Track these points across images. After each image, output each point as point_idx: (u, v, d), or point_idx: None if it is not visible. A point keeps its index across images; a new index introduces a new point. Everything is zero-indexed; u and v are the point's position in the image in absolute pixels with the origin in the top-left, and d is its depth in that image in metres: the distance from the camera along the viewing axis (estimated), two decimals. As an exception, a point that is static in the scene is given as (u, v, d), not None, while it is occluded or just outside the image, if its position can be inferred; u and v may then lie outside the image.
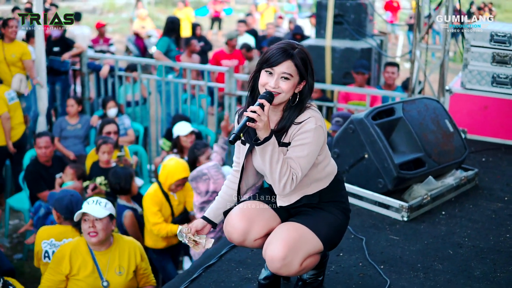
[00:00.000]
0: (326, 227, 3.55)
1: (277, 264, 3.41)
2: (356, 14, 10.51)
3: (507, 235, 4.93)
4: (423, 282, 4.20)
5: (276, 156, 3.30)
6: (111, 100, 9.64)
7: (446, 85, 7.65)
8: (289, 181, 3.33)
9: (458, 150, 5.77)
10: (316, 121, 3.39)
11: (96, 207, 5.21)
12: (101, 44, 13.45)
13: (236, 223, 3.55)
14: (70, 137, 9.42)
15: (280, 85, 3.32)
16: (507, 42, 6.83)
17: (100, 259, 5.23)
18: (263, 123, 3.23)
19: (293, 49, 3.34)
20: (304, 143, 3.36)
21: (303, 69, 3.35)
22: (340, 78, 10.26)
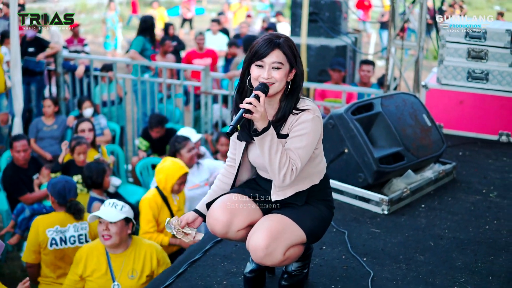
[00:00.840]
0: (309, 219, 3.59)
1: (260, 253, 3.44)
2: (331, 12, 10.58)
3: (486, 227, 5.01)
4: (406, 273, 4.26)
5: (275, 147, 3.33)
6: (86, 100, 9.60)
7: (422, 81, 7.73)
8: (288, 171, 3.37)
9: (436, 144, 5.84)
10: (313, 112, 3.44)
11: (111, 210, 5.16)
12: (75, 45, 13.38)
13: (218, 215, 3.58)
14: (46, 138, 9.37)
15: (273, 75, 3.36)
16: (482, 37, 6.93)
17: (115, 261, 5.16)
18: (259, 114, 3.26)
19: (278, 38, 3.39)
20: (302, 134, 3.40)
21: (291, 57, 3.39)
22: (316, 75, 10.33)
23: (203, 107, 9.68)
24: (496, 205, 5.45)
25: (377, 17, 23.18)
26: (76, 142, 7.55)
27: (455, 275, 4.25)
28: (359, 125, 5.39)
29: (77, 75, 10.45)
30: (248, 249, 3.53)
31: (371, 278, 4.16)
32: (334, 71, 9.54)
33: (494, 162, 6.49)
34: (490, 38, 6.90)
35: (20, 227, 7.30)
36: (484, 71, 6.99)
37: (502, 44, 6.88)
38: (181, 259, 4.46)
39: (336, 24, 10.60)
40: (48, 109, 9.36)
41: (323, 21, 10.55)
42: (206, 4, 33.05)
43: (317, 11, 10.52)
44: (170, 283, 4.06)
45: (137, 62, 10.26)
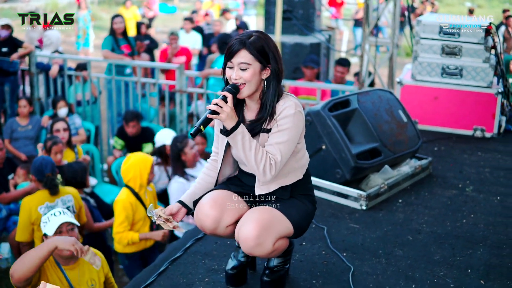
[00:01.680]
0: (296, 212, 3.63)
1: (251, 243, 3.46)
2: (304, 10, 10.64)
3: (463, 221, 5.06)
4: (386, 268, 4.29)
5: (247, 144, 3.37)
6: (61, 100, 9.55)
7: (396, 78, 7.78)
8: (267, 166, 3.40)
9: (412, 140, 5.89)
10: (295, 107, 3.46)
11: (63, 216, 5.01)
12: (47, 45, 13.28)
13: (208, 211, 3.59)
14: (21, 138, 9.32)
15: (241, 75, 3.39)
16: (455, 33, 6.99)
17: (70, 274, 4.88)
18: (225, 114, 3.30)
19: (248, 38, 3.40)
20: (284, 129, 3.43)
21: (260, 56, 3.39)
22: (290, 73, 10.36)
23: (178, 106, 9.67)
24: (472, 199, 5.51)
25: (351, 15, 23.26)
26: (52, 142, 7.51)
27: (434, 269, 4.29)
28: (336, 122, 5.41)
29: (51, 74, 10.39)
30: (238, 240, 3.56)
31: (352, 273, 4.19)
32: (307, 68, 9.57)
33: (469, 156, 6.56)
34: (464, 34, 6.96)
35: (-6, 228, 7.26)
36: (458, 67, 7.05)
37: (476, 40, 6.95)
38: (162, 257, 4.46)
39: (309, 21, 10.66)
40: (24, 109, 9.30)
41: (296, 19, 10.60)
42: (178, 2, 32.95)
43: (290, 8, 10.58)
44: (152, 281, 4.05)
45: (112, 60, 10.23)
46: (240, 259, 3.95)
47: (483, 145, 6.91)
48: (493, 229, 4.93)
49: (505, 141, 7.10)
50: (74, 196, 6.33)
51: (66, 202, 6.17)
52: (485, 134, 7.14)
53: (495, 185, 5.84)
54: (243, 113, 3.60)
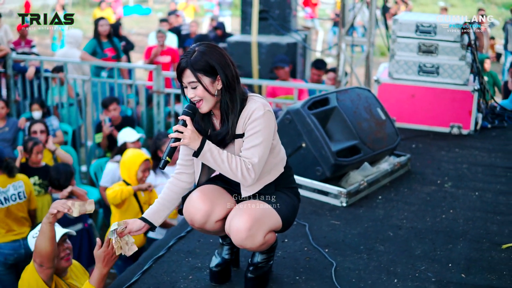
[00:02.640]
0: (283, 205, 3.68)
1: (243, 234, 3.50)
2: (281, 10, 10.67)
3: (443, 216, 5.12)
4: (367, 263, 4.33)
5: (218, 158, 3.43)
6: (35, 103, 9.51)
7: (373, 76, 7.84)
8: (244, 171, 3.45)
9: (390, 137, 5.94)
10: (263, 107, 3.50)
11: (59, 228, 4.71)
12: (23, 46, 13.22)
13: (198, 205, 3.63)
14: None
15: (196, 93, 3.43)
16: (432, 32, 7.06)
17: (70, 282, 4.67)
18: (188, 138, 3.38)
19: (190, 56, 3.42)
20: (256, 131, 3.47)
21: (206, 69, 3.41)
22: (267, 73, 10.38)
23: (156, 107, 9.66)
24: (451, 195, 5.57)
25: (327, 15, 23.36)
26: (33, 142, 7.52)
27: (415, 263, 4.34)
28: (315, 120, 5.45)
29: (27, 76, 10.33)
30: (229, 232, 3.59)
31: (334, 268, 4.22)
32: (278, 68, 9.61)
33: (447, 153, 6.63)
34: (440, 33, 7.03)
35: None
36: (434, 65, 7.13)
37: (452, 38, 7.03)
38: (145, 255, 4.47)
39: (286, 21, 10.69)
40: (1, 110, 9.24)
41: (273, 19, 10.63)
42: (153, 4, 32.87)
43: (267, 9, 10.60)
44: (136, 279, 4.06)
45: (88, 62, 10.21)
46: (224, 257, 3.98)
47: (460, 142, 6.98)
48: (473, 224, 5.00)
49: (482, 137, 7.18)
50: (25, 182, 6.80)
51: (18, 187, 6.67)
52: (462, 131, 7.21)
53: (473, 181, 5.91)
54: (212, 123, 3.63)
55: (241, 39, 10.71)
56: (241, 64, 10.21)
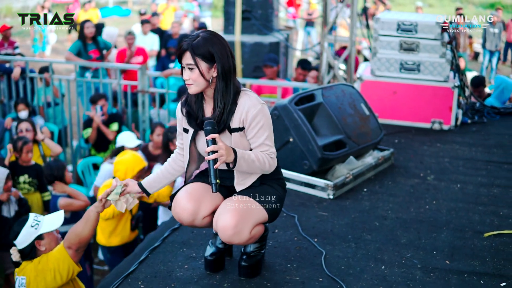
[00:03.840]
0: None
1: (230, 231, 3.64)
2: (263, 10, 10.85)
3: (426, 207, 5.29)
4: (356, 251, 4.49)
5: (250, 160, 3.61)
6: (21, 103, 9.60)
7: (355, 74, 8.01)
8: (270, 161, 3.70)
9: (374, 132, 6.12)
10: (258, 101, 3.68)
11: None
12: (6, 48, 13.28)
13: (185, 204, 3.78)
14: (-16, 140, 9.36)
15: (190, 76, 3.57)
16: (413, 30, 7.25)
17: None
18: (225, 156, 3.49)
19: (194, 40, 3.56)
20: (260, 127, 3.66)
21: (205, 55, 3.55)
22: (250, 72, 10.55)
23: (140, 106, 9.78)
24: (434, 187, 5.75)
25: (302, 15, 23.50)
26: (23, 142, 7.62)
27: (401, 251, 4.50)
28: (302, 115, 5.61)
29: (13, 77, 10.41)
30: (216, 230, 3.73)
31: (324, 256, 4.37)
32: (266, 67, 9.76)
33: (429, 148, 6.81)
34: (421, 31, 7.23)
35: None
36: (416, 62, 7.32)
37: (433, 36, 7.22)
38: (141, 246, 4.62)
39: (268, 21, 10.86)
40: (-14, 111, 9.35)
41: (256, 19, 10.79)
42: (132, 5, 32.88)
43: (249, 9, 10.76)
44: (134, 269, 4.19)
45: (73, 62, 10.32)
46: (218, 246, 4.12)
47: (442, 137, 7.17)
48: (455, 214, 5.17)
49: (462, 133, 7.38)
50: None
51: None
52: (442, 126, 7.40)
53: (455, 173, 6.09)
54: (202, 108, 3.76)
55: (224, 39, 10.85)
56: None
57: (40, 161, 8.19)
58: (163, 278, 4.09)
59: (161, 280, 4.06)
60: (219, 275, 4.11)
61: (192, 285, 3.99)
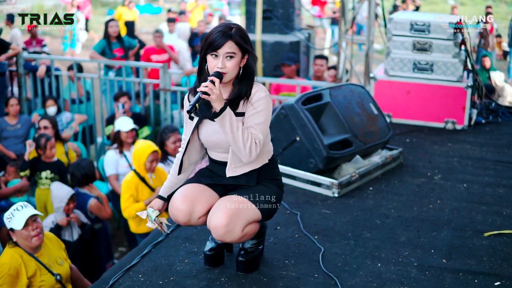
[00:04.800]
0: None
1: (221, 231, 3.76)
2: (284, 9, 10.94)
3: (430, 206, 5.36)
4: (354, 249, 4.58)
5: (235, 124, 3.66)
6: (50, 99, 9.85)
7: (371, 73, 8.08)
8: (253, 145, 3.70)
9: (382, 131, 6.19)
10: (265, 90, 3.82)
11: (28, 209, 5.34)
12: (34, 46, 13.54)
13: (179, 206, 3.90)
14: (10, 137, 9.56)
15: (226, 65, 3.67)
16: (426, 30, 7.30)
17: (42, 259, 5.37)
18: (215, 95, 3.59)
19: (230, 30, 3.68)
20: (259, 110, 3.76)
21: (243, 44, 3.71)
22: (271, 70, 10.66)
23: (162, 104, 9.94)
24: (440, 186, 5.81)
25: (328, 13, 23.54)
26: (45, 138, 7.82)
27: (399, 249, 4.58)
28: (309, 114, 5.70)
29: (38, 75, 10.64)
30: (209, 228, 3.85)
31: (322, 253, 4.47)
32: (285, 66, 9.87)
33: (440, 147, 6.86)
34: (434, 31, 7.27)
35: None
36: (429, 62, 7.37)
37: (446, 36, 7.26)
38: (146, 241, 4.74)
39: (289, 20, 10.96)
40: (15, 108, 9.56)
41: (277, 18, 10.89)
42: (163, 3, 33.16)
43: (271, 8, 10.86)
44: (136, 263, 4.33)
45: (96, 61, 10.52)
46: (217, 242, 4.24)
47: (454, 137, 7.21)
48: (458, 213, 5.23)
49: (475, 132, 7.41)
50: None
51: None
52: (456, 126, 7.44)
53: (463, 173, 6.14)
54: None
55: (245, 38, 10.97)
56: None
57: (63, 159, 8.38)
58: (163, 271, 4.21)
59: (161, 273, 4.19)
60: (218, 269, 4.23)
61: (190, 279, 4.12)
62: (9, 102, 9.64)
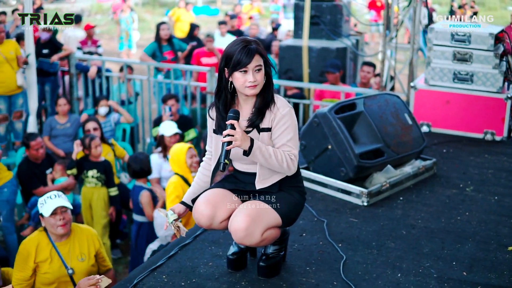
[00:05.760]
0: (284, 203, 4.04)
1: (240, 233, 3.89)
2: (332, 15, 10.99)
3: (457, 218, 5.40)
4: (376, 258, 4.66)
5: (267, 153, 3.83)
6: (103, 99, 10.13)
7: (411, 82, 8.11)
8: (289, 162, 3.89)
9: (416, 141, 6.24)
10: (286, 104, 3.97)
11: (59, 199, 5.55)
12: (89, 46, 13.88)
13: (202, 210, 4.05)
14: (60, 135, 9.86)
15: (257, 78, 3.82)
16: (466, 41, 7.31)
17: (62, 249, 5.58)
18: (239, 140, 3.75)
19: (251, 44, 3.82)
20: (286, 127, 3.91)
21: (266, 55, 3.87)
22: (317, 76, 10.73)
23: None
24: (471, 198, 5.83)
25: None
26: (90, 138, 8.06)
27: (421, 260, 4.64)
28: (341, 123, 5.79)
29: (89, 76, 10.93)
30: (230, 231, 3.98)
31: (343, 261, 4.57)
32: (328, 73, 9.96)
33: (475, 158, 6.87)
34: (474, 41, 7.28)
35: (33, 219, 7.84)
36: (469, 72, 7.37)
37: (486, 47, 7.26)
38: (173, 243, 4.90)
39: (337, 27, 11.00)
40: (63, 107, 9.85)
41: (324, 24, 10.95)
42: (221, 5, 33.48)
43: (318, 14, 10.93)
44: (161, 264, 4.50)
45: (146, 63, 10.76)
46: (240, 246, 4.38)
47: (492, 148, 7.20)
48: (485, 226, 5.26)
49: (514, 144, 7.40)
50: None
51: None
52: (495, 137, 7.44)
53: (495, 185, 6.15)
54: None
55: (292, 43, 11.08)
56: (292, 67, 10.66)
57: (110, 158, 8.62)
58: (186, 273, 4.37)
59: (184, 275, 4.34)
60: (240, 273, 4.36)
61: (212, 282, 4.26)
62: (58, 102, 9.93)
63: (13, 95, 9.91)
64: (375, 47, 21.28)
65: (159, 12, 30.05)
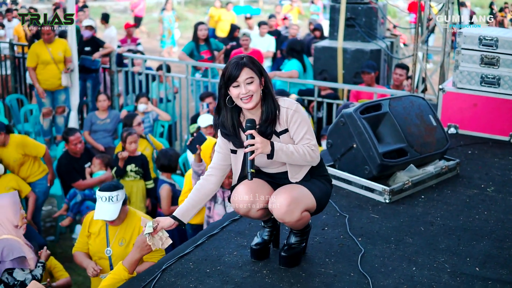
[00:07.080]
0: (318, 189, 4.35)
1: (283, 209, 4.17)
2: (367, 18, 11.20)
3: (476, 216, 5.59)
4: (393, 252, 4.89)
5: (288, 151, 4.13)
6: (143, 96, 10.47)
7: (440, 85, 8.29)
8: (311, 153, 4.18)
9: (439, 142, 6.43)
10: (292, 103, 4.24)
11: (109, 206, 5.82)
12: (129, 44, 14.26)
13: (242, 196, 4.30)
14: (100, 130, 10.22)
15: (249, 89, 4.08)
16: (494, 45, 7.48)
17: (111, 229, 6.01)
18: (261, 148, 4.05)
19: (242, 59, 4.10)
20: (300, 122, 4.20)
21: (257, 69, 4.12)
22: (351, 77, 10.96)
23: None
24: (491, 198, 6.01)
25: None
26: (127, 132, 8.38)
27: (436, 255, 4.86)
28: (366, 123, 6.03)
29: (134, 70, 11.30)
30: (271, 209, 4.24)
31: (362, 254, 4.80)
32: (364, 73, 10.17)
33: (500, 160, 7.03)
34: (502, 46, 7.44)
35: (72, 210, 8.22)
36: (496, 76, 7.54)
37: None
38: (201, 233, 5.19)
39: (372, 29, 11.21)
40: (103, 103, 10.21)
41: (359, 26, 11.17)
42: (262, 4, 33.73)
43: (354, 16, 11.15)
44: (189, 252, 4.78)
45: (185, 62, 11.08)
46: (264, 237, 4.66)
47: (516, 151, 7.38)
48: (502, 225, 5.44)
49: (540, 147, 7.54)
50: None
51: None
52: (521, 140, 7.61)
53: (517, 187, 6.34)
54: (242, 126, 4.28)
55: (327, 44, 11.33)
56: (326, 68, 10.88)
57: (147, 153, 8.94)
58: (212, 261, 4.65)
59: (210, 262, 4.63)
60: (262, 262, 4.63)
61: (235, 269, 4.54)
62: (98, 98, 10.29)
63: (56, 91, 10.30)
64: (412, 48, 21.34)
65: (201, 11, 30.41)
